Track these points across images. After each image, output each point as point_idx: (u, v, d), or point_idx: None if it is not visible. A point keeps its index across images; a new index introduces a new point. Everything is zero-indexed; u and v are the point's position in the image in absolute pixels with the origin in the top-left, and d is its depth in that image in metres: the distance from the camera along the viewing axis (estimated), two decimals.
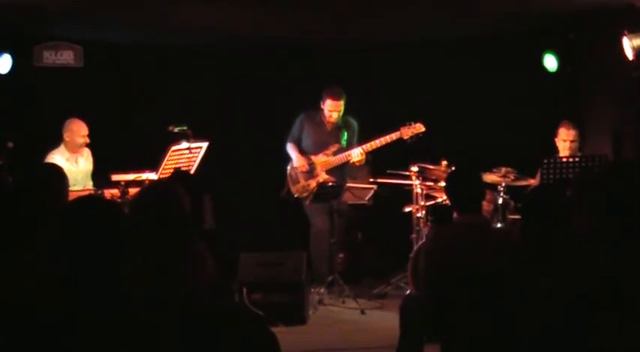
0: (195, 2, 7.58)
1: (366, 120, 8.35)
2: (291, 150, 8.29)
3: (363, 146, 7.97)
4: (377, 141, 7.94)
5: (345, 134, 8.16)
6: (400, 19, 8.23)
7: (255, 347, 2.59)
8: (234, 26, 8.46)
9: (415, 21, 8.36)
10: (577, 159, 7.03)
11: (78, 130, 7.74)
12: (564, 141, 7.53)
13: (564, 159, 7.08)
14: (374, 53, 9.32)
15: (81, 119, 7.90)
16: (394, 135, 7.92)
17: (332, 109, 8.08)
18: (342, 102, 8.07)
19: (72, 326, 2.47)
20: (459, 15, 8.11)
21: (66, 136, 7.74)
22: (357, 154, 7.98)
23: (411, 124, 7.94)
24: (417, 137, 7.91)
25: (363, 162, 8.06)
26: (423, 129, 7.92)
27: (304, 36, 8.96)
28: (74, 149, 7.75)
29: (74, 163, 7.73)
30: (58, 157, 7.55)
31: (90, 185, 7.75)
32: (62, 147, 7.75)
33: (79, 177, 7.61)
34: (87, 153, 7.92)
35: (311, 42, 9.21)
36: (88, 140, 7.79)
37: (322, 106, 8.14)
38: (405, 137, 7.92)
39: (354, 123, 8.27)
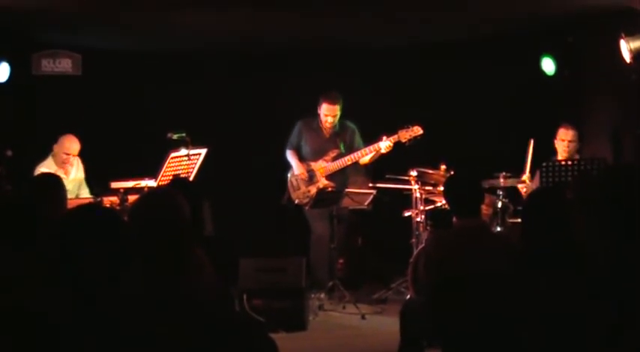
0: (194, 8, 7.58)
1: (364, 124, 8.35)
2: (290, 157, 8.29)
3: (390, 137, 7.90)
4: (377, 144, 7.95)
5: (342, 144, 8.17)
6: (399, 21, 8.24)
7: None
8: (233, 32, 8.47)
9: (414, 24, 8.36)
10: (575, 162, 7.03)
11: (64, 146, 7.74)
12: (563, 141, 7.56)
13: (563, 162, 7.09)
14: (372, 56, 9.32)
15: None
16: (392, 138, 7.92)
17: (327, 113, 8.08)
18: (337, 107, 8.06)
19: (72, 333, 2.47)
20: (458, 18, 8.11)
21: (55, 148, 7.76)
22: (385, 146, 7.93)
23: (408, 127, 7.93)
24: (415, 140, 7.91)
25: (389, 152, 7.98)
26: (421, 131, 7.92)
27: (303, 41, 8.96)
28: (59, 163, 7.74)
29: (64, 174, 7.71)
30: (45, 169, 7.54)
31: (85, 193, 7.75)
32: (50, 159, 7.74)
33: (69, 187, 7.60)
34: (77, 162, 7.91)
35: (310, 46, 9.21)
36: (71, 158, 7.77)
37: (319, 111, 8.15)
38: (403, 140, 7.91)
39: (352, 126, 8.27)
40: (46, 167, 7.64)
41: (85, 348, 2.45)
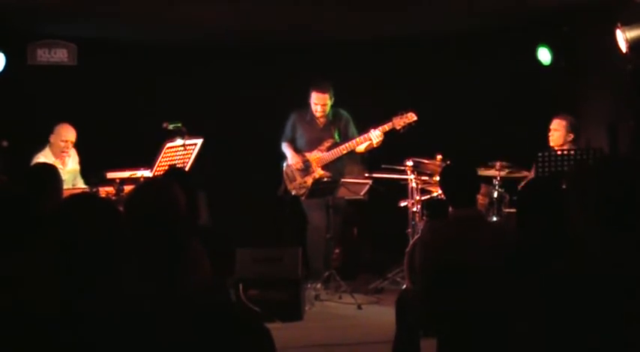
0: None
1: (360, 115, 8.34)
2: (286, 148, 8.28)
3: (379, 128, 7.90)
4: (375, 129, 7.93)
5: (337, 133, 8.15)
6: (394, 14, 8.22)
7: (249, 345, 2.58)
8: (229, 22, 8.44)
9: (409, 16, 8.34)
10: (572, 152, 7.03)
11: (61, 134, 7.73)
12: (549, 130, 7.54)
13: (559, 152, 7.08)
14: (369, 48, 9.31)
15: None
16: (387, 126, 7.91)
17: (317, 102, 8.05)
18: (327, 96, 8.03)
19: (69, 326, 2.47)
20: (455, 8, 8.09)
21: (51, 138, 7.75)
22: (376, 136, 7.90)
23: (402, 114, 7.92)
24: (409, 126, 7.89)
25: (380, 143, 7.96)
26: (415, 117, 7.90)
27: (300, 31, 8.94)
28: (57, 152, 7.73)
29: (60, 164, 7.70)
30: (43, 160, 7.53)
31: (81, 183, 7.75)
32: (47, 150, 7.73)
33: (66, 177, 7.59)
34: (73, 152, 7.91)
35: (305, 37, 9.19)
36: (70, 146, 7.77)
37: (309, 101, 8.12)
38: (398, 127, 7.90)
39: (346, 114, 8.25)
40: (44, 157, 7.63)
41: (82, 344, 2.45)
